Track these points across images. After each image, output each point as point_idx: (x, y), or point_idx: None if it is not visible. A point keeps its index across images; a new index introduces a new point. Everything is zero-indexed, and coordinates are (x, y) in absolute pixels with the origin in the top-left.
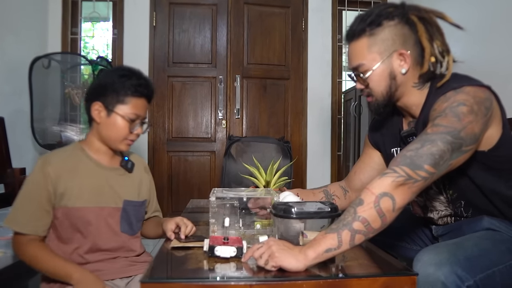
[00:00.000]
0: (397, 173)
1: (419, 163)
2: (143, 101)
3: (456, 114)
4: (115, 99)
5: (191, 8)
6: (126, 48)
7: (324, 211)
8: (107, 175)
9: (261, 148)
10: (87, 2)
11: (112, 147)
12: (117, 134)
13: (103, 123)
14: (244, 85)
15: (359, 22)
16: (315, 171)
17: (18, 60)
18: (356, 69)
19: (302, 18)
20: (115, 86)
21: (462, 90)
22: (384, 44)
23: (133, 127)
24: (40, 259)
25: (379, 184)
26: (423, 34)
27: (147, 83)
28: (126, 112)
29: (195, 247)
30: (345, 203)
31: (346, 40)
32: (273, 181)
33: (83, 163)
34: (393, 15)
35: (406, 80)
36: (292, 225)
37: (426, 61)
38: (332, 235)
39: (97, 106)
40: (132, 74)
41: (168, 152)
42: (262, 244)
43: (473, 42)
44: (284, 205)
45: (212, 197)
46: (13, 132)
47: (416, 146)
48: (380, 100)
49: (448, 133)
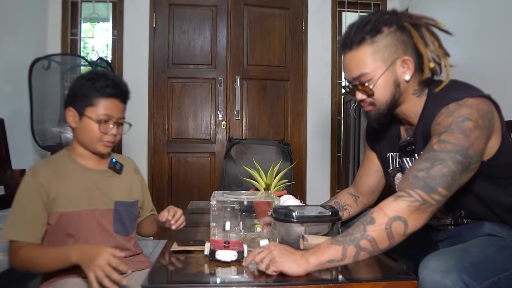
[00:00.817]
0: (412, 197)
1: (433, 186)
2: (114, 101)
3: (462, 130)
4: (84, 102)
5: (191, 9)
6: (125, 49)
7: (325, 215)
8: (95, 177)
9: (261, 150)
10: (87, 3)
11: (91, 150)
12: (90, 137)
13: (77, 127)
14: (244, 86)
15: (356, 31)
16: (314, 172)
17: (17, 61)
18: (357, 79)
19: (301, 19)
20: (83, 90)
21: (465, 103)
22: (387, 51)
23: (105, 128)
24: (35, 257)
25: (394, 207)
26: (418, 40)
27: (116, 83)
28: (96, 113)
29: (196, 251)
30: (358, 209)
31: (343, 50)
32: (274, 184)
33: (70, 168)
34: (391, 22)
35: (408, 87)
36: (293, 229)
37: (425, 67)
38: (337, 247)
39: (70, 112)
40: (99, 76)
41: (168, 153)
42: (263, 248)
43: (472, 44)
44: (285, 209)
45: (213, 201)
46: (12, 133)
47: (426, 165)
48: (382, 109)
49: (457, 151)
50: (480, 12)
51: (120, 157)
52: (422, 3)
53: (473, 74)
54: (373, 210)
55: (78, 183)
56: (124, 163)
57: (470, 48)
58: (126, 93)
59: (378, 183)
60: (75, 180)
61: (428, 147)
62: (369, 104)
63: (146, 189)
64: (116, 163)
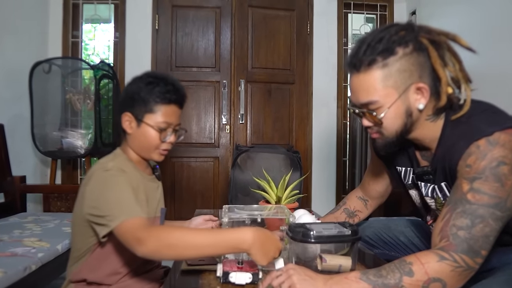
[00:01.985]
0: (457, 262)
1: (477, 249)
2: (173, 107)
3: (497, 177)
4: (143, 108)
5: (194, 11)
6: (128, 51)
7: (345, 234)
8: (148, 184)
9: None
10: (88, 4)
11: (146, 157)
12: (148, 145)
13: (134, 133)
14: (248, 89)
15: (366, 49)
16: (320, 177)
17: (18, 65)
18: (365, 106)
19: (307, 21)
20: (142, 95)
21: (497, 141)
22: (401, 77)
23: (164, 136)
24: (184, 236)
25: (436, 267)
26: (436, 61)
27: (176, 88)
28: (156, 121)
29: (207, 271)
30: (368, 212)
31: (350, 70)
32: (285, 196)
33: (134, 173)
34: (406, 41)
35: (422, 115)
36: (310, 248)
37: (443, 92)
38: (367, 286)
39: (127, 117)
40: (159, 80)
41: (171, 158)
42: (281, 271)
43: (483, 47)
44: (302, 228)
45: (224, 218)
46: (12, 138)
47: (466, 222)
48: (391, 138)
49: (495, 206)
50: (491, 14)
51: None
52: (430, 5)
53: (483, 77)
54: (411, 260)
55: (143, 189)
56: None
57: (480, 50)
58: (184, 98)
59: (387, 188)
60: (141, 186)
61: (459, 194)
62: (376, 131)
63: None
64: (157, 170)
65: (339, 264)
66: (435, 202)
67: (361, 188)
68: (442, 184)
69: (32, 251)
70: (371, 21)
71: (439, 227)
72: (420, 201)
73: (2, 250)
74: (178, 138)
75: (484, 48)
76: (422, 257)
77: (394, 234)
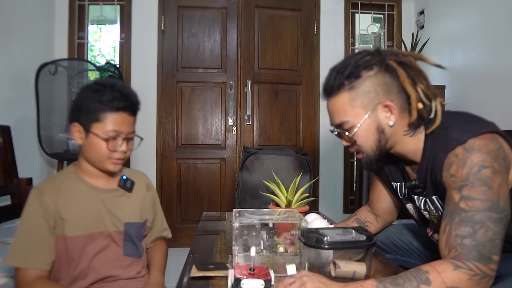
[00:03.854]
0: (472, 270)
1: (487, 255)
2: (122, 115)
3: (483, 181)
4: (90, 117)
5: (200, 11)
6: (134, 52)
7: (360, 240)
8: (104, 198)
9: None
10: (94, 5)
11: (99, 168)
12: (98, 155)
13: (84, 144)
14: (255, 90)
15: (336, 76)
16: (327, 178)
17: (24, 67)
18: (339, 126)
19: (314, 21)
20: (88, 104)
21: (472, 148)
22: (366, 97)
23: (113, 145)
24: None
25: (453, 276)
26: (405, 80)
27: (124, 95)
28: (104, 130)
29: (217, 277)
30: (379, 227)
31: (324, 96)
32: (295, 199)
33: (77, 188)
34: (371, 64)
35: (395, 131)
36: (323, 253)
37: (413, 108)
38: None
39: (76, 128)
40: (105, 88)
41: (177, 159)
42: (294, 278)
43: (494, 48)
44: (316, 233)
45: (235, 223)
46: (19, 140)
47: (467, 230)
48: (371, 155)
49: (489, 209)
50: (500, 14)
51: (132, 173)
52: (439, 5)
53: (496, 78)
54: (428, 269)
55: (86, 204)
56: (135, 179)
57: (492, 52)
58: (135, 104)
59: (392, 204)
60: (82, 201)
61: (453, 205)
62: (356, 150)
63: (158, 207)
64: (127, 181)
65: (353, 270)
66: (429, 214)
67: (369, 205)
68: (433, 197)
69: None
70: (379, 21)
71: (444, 241)
72: (417, 214)
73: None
74: (132, 146)
75: (493, 48)
76: (437, 266)
77: (407, 239)
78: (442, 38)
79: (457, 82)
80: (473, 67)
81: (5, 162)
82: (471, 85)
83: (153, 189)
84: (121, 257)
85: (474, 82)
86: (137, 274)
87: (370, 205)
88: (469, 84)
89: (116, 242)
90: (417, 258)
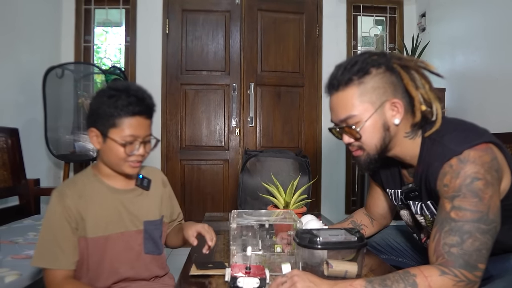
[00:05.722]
0: (457, 277)
1: (473, 264)
2: (138, 119)
3: (474, 193)
4: (107, 123)
5: (204, 15)
6: (138, 55)
7: (351, 241)
8: (123, 198)
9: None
10: (100, 9)
11: (118, 171)
12: (116, 159)
13: (102, 149)
14: (258, 92)
15: (343, 71)
16: (329, 179)
17: (32, 70)
18: (344, 121)
19: (316, 24)
20: (105, 109)
21: (467, 159)
22: (375, 93)
23: (131, 150)
24: None
25: (439, 282)
26: (408, 83)
27: (140, 99)
28: (121, 135)
29: (215, 275)
30: (374, 230)
31: (328, 91)
32: (293, 201)
33: (97, 190)
34: (380, 63)
35: (398, 131)
36: (317, 253)
37: (417, 109)
38: None
39: (93, 133)
40: (120, 92)
41: (181, 160)
42: (286, 277)
43: (493, 50)
44: (309, 234)
45: (233, 223)
46: (27, 142)
47: (456, 239)
48: (372, 154)
49: (479, 220)
50: (501, 17)
51: (147, 170)
52: (440, 7)
53: (495, 81)
54: (415, 272)
55: (106, 206)
56: (151, 176)
57: (492, 54)
58: (151, 107)
59: (388, 209)
60: (102, 203)
61: (444, 213)
62: (357, 148)
63: (174, 199)
64: (144, 179)
65: (345, 269)
66: (424, 219)
67: (366, 208)
68: (428, 202)
69: None
70: (381, 23)
71: (432, 248)
72: (412, 220)
73: (17, 253)
74: (149, 149)
75: (493, 50)
76: (424, 270)
77: (401, 240)
78: (443, 40)
79: (457, 84)
80: (473, 69)
81: (14, 163)
82: (471, 88)
83: (169, 185)
84: (142, 255)
85: (474, 84)
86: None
87: (366, 209)
88: (469, 86)
89: (136, 241)
90: (411, 259)
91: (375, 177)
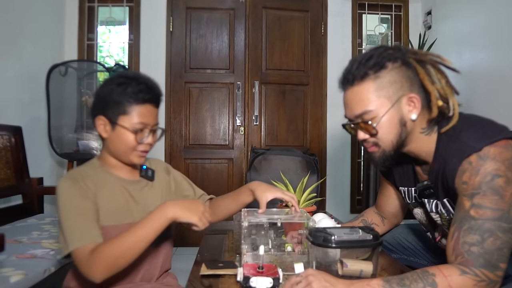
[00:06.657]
0: (478, 276)
1: (494, 263)
2: (148, 107)
3: (495, 190)
4: (117, 110)
5: (208, 12)
6: (142, 53)
7: (366, 239)
8: (130, 189)
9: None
10: (104, 7)
11: (124, 161)
12: (125, 148)
13: (109, 137)
14: (263, 91)
15: (358, 66)
16: (335, 178)
17: (35, 68)
18: (359, 117)
19: (321, 22)
20: (114, 97)
21: (487, 155)
22: (392, 88)
23: (141, 137)
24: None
25: (459, 281)
26: (424, 77)
27: (149, 87)
28: (131, 122)
29: (227, 275)
30: (385, 229)
31: (343, 86)
32: (303, 199)
33: (106, 179)
34: (396, 57)
35: (415, 126)
36: (331, 253)
37: (433, 105)
38: None
39: (101, 121)
40: (130, 80)
41: (185, 159)
42: (300, 277)
43: (501, 48)
44: (323, 232)
45: (244, 222)
46: (30, 140)
47: (476, 238)
48: (388, 150)
49: (499, 218)
50: (508, 14)
51: (149, 161)
52: (446, 5)
53: (503, 79)
54: (434, 272)
55: (115, 195)
56: (154, 166)
57: (499, 51)
58: (159, 96)
59: (400, 208)
60: (112, 192)
61: (463, 211)
62: (372, 144)
63: (184, 182)
64: (148, 170)
65: (360, 269)
66: (440, 218)
67: (376, 207)
68: (445, 200)
69: (51, 253)
70: (386, 21)
71: (451, 247)
72: (426, 219)
73: (22, 252)
74: (156, 138)
75: (500, 48)
76: (444, 269)
77: (413, 239)
78: (449, 38)
79: (464, 82)
80: (480, 67)
81: (17, 162)
82: (478, 86)
83: (173, 170)
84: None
85: (481, 82)
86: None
87: (377, 207)
88: (476, 84)
89: None
90: (423, 258)
91: (388, 175)
